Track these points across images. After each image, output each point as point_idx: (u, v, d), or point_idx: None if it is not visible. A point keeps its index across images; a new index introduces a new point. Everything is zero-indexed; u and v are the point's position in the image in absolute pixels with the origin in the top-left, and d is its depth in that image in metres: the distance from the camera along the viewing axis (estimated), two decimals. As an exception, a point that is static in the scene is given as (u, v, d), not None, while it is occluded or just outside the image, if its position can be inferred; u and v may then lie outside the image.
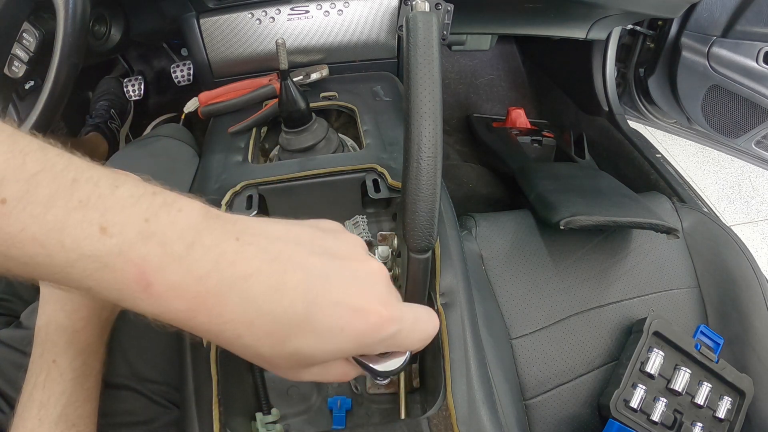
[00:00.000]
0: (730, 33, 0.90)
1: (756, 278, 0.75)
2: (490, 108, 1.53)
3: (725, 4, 0.91)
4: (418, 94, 0.34)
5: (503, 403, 0.59)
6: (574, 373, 0.69)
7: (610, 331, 0.72)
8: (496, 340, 0.66)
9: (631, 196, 0.82)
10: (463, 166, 1.34)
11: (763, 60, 0.84)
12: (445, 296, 0.51)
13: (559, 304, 0.72)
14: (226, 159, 0.65)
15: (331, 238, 0.27)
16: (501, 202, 1.28)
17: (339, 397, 0.53)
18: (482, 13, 1.01)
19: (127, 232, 0.21)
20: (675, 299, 0.76)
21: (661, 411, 0.64)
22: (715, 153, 1.70)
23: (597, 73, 1.19)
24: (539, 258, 0.76)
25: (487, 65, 1.57)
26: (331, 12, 0.74)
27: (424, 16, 0.35)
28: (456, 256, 0.55)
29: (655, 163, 1.05)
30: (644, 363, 0.65)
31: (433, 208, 0.36)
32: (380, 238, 0.62)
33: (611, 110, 1.19)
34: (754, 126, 0.92)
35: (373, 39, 0.77)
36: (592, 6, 0.92)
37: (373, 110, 0.71)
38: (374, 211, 0.65)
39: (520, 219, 0.80)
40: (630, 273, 0.76)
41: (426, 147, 0.34)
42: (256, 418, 0.49)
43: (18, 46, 0.61)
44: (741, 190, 1.75)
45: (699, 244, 0.80)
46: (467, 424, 0.44)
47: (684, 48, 0.98)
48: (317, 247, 0.26)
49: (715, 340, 0.72)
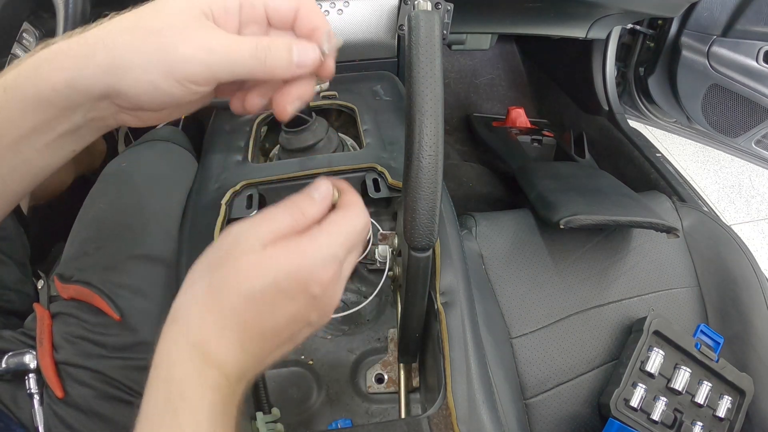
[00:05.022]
0: (730, 32, 0.90)
1: (756, 277, 0.75)
2: (490, 107, 1.53)
3: (725, 3, 0.91)
4: (419, 93, 0.34)
5: (503, 402, 0.59)
6: (575, 373, 0.69)
7: (610, 331, 0.72)
8: (496, 339, 0.66)
9: (631, 195, 0.82)
10: (463, 166, 1.34)
11: (763, 59, 0.84)
12: (445, 295, 0.51)
13: (559, 303, 0.72)
14: (226, 158, 0.65)
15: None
16: (501, 201, 1.28)
17: (338, 421, 0.53)
18: (482, 12, 1.01)
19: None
20: (675, 298, 0.76)
21: (661, 410, 0.64)
22: (715, 152, 1.70)
23: (597, 73, 1.19)
24: (539, 257, 0.76)
25: (487, 65, 1.57)
26: (331, 11, 0.74)
27: (427, 15, 0.35)
28: (456, 256, 0.55)
29: (655, 163, 1.05)
30: (644, 362, 0.65)
31: (434, 206, 0.37)
32: (380, 238, 0.62)
33: (611, 109, 1.19)
34: (754, 125, 0.92)
35: (373, 38, 0.77)
36: (592, 5, 0.92)
37: (373, 109, 0.71)
38: (374, 210, 0.65)
39: (520, 218, 0.80)
40: (630, 272, 0.76)
41: (427, 145, 0.34)
42: (256, 418, 0.49)
43: (18, 46, 0.61)
44: (741, 189, 1.75)
45: (699, 243, 0.80)
46: (467, 423, 0.44)
47: (684, 47, 0.98)
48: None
49: (715, 339, 0.72)
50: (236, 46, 0.29)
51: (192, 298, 0.29)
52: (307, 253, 0.29)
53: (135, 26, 0.28)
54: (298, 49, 0.30)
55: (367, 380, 0.56)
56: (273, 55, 0.30)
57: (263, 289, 0.28)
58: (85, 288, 0.52)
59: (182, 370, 0.27)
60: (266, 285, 0.28)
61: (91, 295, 0.51)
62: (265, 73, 0.30)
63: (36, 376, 0.49)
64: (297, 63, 0.30)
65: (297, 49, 0.30)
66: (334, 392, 0.56)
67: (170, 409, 0.26)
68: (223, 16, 0.30)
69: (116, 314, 0.50)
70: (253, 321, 0.28)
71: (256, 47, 0.29)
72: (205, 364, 0.27)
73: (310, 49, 0.31)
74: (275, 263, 0.28)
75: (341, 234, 0.30)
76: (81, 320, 0.52)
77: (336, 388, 0.56)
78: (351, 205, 0.32)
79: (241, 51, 0.29)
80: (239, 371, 0.29)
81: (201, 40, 0.28)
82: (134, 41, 0.27)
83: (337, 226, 0.30)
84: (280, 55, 0.30)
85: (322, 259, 0.29)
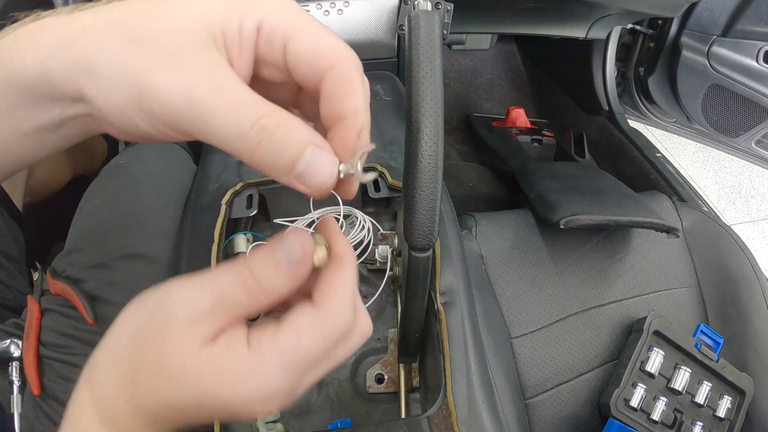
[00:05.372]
0: (730, 32, 0.90)
1: (756, 277, 0.75)
2: (491, 107, 1.53)
3: (725, 3, 0.91)
4: (419, 92, 0.34)
5: (503, 402, 0.59)
6: (574, 373, 0.69)
7: (610, 331, 0.72)
8: (496, 339, 0.66)
9: (631, 195, 0.82)
10: (464, 166, 1.34)
11: (763, 59, 0.84)
12: (445, 295, 0.51)
13: (559, 303, 0.72)
14: (226, 158, 0.65)
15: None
16: (501, 201, 1.28)
17: (338, 421, 0.53)
18: (482, 12, 1.01)
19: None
20: (675, 298, 0.76)
21: (661, 410, 0.64)
22: (715, 152, 1.70)
23: (597, 73, 1.19)
24: (539, 257, 0.76)
25: (487, 65, 1.57)
26: (331, 11, 0.74)
27: (427, 15, 0.35)
28: (456, 256, 0.55)
29: (655, 163, 1.05)
30: (644, 362, 0.65)
31: (434, 206, 0.37)
32: (380, 238, 0.62)
33: (611, 109, 1.19)
34: (754, 125, 0.92)
35: (373, 38, 0.77)
36: (592, 5, 0.92)
37: (373, 109, 0.71)
38: (374, 210, 0.65)
39: (520, 218, 0.80)
40: (630, 272, 0.76)
41: (427, 145, 0.34)
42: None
43: (18, 46, 0.61)
44: (741, 189, 1.75)
45: (699, 243, 0.80)
46: (467, 423, 0.44)
47: (684, 47, 0.98)
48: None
49: (715, 339, 0.72)
50: (227, 108, 0.20)
51: (111, 360, 0.23)
52: (246, 383, 0.21)
53: (123, 22, 0.21)
54: (311, 158, 0.21)
55: (367, 380, 0.56)
56: (271, 147, 0.20)
57: (184, 405, 0.22)
58: (68, 286, 0.52)
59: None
60: (190, 402, 0.21)
61: (72, 295, 0.51)
62: (251, 163, 0.21)
63: (19, 365, 0.50)
64: (299, 174, 0.21)
65: (310, 156, 0.21)
66: (334, 392, 0.56)
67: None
68: (235, 42, 0.21)
69: (90, 318, 0.50)
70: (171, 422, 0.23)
71: (253, 124, 0.20)
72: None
73: (328, 163, 0.21)
74: (205, 382, 0.21)
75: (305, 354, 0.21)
76: (68, 317, 0.52)
77: (336, 388, 0.56)
78: (336, 292, 0.22)
79: (228, 119, 0.20)
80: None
81: (186, 80, 0.20)
82: (113, 44, 0.20)
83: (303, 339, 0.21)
84: (282, 152, 0.20)
85: (265, 395, 0.21)
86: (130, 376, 0.22)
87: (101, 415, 0.22)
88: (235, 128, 0.20)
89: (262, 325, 0.22)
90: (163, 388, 0.21)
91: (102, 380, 0.23)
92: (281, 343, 0.21)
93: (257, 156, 0.20)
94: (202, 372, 0.21)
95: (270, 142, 0.20)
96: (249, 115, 0.20)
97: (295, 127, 0.21)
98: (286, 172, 0.21)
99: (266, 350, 0.21)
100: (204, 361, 0.21)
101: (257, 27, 0.21)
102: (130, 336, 0.23)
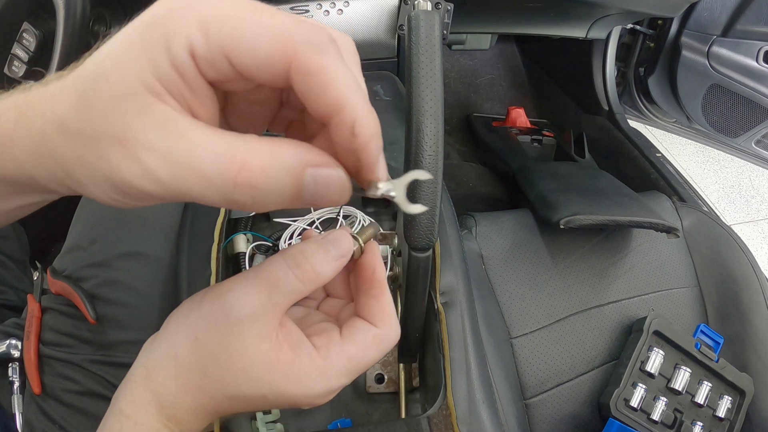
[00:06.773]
0: (730, 32, 0.90)
1: (756, 277, 0.75)
2: (490, 107, 1.53)
3: (725, 3, 0.91)
4: (419, 93, 0.34)
5: (503, 402, 0.59)
6: (574, 373, 0.69)
7: (610, 331, 0.72)
8: (496, 339, 0.66)
9: (631, 195, 0.83)
10: (464, 166, 1.34)
11: (763, 59, 0.84)
12: (445, 295, 0.51)
13: (559, 303, 0.72)
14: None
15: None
16: (501, 201, 1.28)
17: (338, 421, 0.53)
18: (482, 12, 1.01)
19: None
20: (675, 298, 0.76)
21: (661, 410, 0.64)
22: (715, 152, 1.70)
23: (597, 73, 1.19)
24: (539, 257, 0.76)
25: (487, 65, 1.57)
26: (331, 11, 0.74)
27: (427, 15, 0.35)
28: (456, 256, 0.55)
29: (655, 163, 1.05)
30: (644, 362, 0.65)
31: (434, 206, 0.37)
32: (380, 238, 0.62)
33: (611, 109, 1.20)
34: (754, 125, 0.92)
35: (373, 38, 0.77)
36: (592, 5, 0.92)
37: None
38: (374, 210, 0.65)
39: (520, 218, 0.80)
40: (630, 272, 0.76)
41: (427, 145, 0.34)
42: (256, 417, 0.49)
43: (18, 46, 0.61)
44: (741, 189, 1.75)
45: (699, 243, 0.80)
46: (467, 423, 0.44)
47: (684, 47, 0.98)
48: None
49: (715, 339, 0.72)
50: (196, 177, 0.18)
51: (172, 361, 0.24)
52: (315, 383, 0.24)
53: (65, 121, 0.19)
54: (314, 181, 0.19)
55: (367, 380, 0.56)
56: (266, 193, 0.18)
57: (251, 397, 0.24)
58: (68, 285, 0.52)
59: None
60: (256, 395, 0.24)
61: (73, 294, 0.51)
62: (262, 211, 0.21)
63: (19, 365, 0.50)
64: (311, 201, 0.20)
65: (311, 179, 0.19)
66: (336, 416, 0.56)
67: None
68: (175, 80, 0.18)
69: (92, 317, 0.50)
70: (229, 411, 0.25)
71: (231, 181, 0.18)
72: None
73: (334, 177, 0.20)
74: (275, 381, 0.24)
75: (366, 363, 0.26)
76: (69, 316, 0.52)
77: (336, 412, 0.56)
78: (390, 315, 0.27)
79: (205, 186, 0.18)
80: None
81: (145, 164, 0.18)
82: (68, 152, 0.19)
83: (368, 352, 0.26)
84: (278, 192, 0.19)
85: (327, 391, 0.25)
86: (196, 373, 0.24)
87: (162, 411, 0.24)
88: (217, 193, 0.18)
89: (324, 334, 0.26)
90: (232, 384, 0.24)
91: (163, 380, 0.24)
92: (350, 354, 0.25)
93: (258, 208, 0.19)
94: (272, 372, 0.24)
95: (260, 192, 0.18)
96: (222, 175, 0.17)
97: (277, 158, 0.18)
98: (298, 203, 0.19)
99: (335, 358, 0.25)
100: (273, 361, 0.24)
101: (189, 52, 0.18)
102: (189, 337, 0.24)
